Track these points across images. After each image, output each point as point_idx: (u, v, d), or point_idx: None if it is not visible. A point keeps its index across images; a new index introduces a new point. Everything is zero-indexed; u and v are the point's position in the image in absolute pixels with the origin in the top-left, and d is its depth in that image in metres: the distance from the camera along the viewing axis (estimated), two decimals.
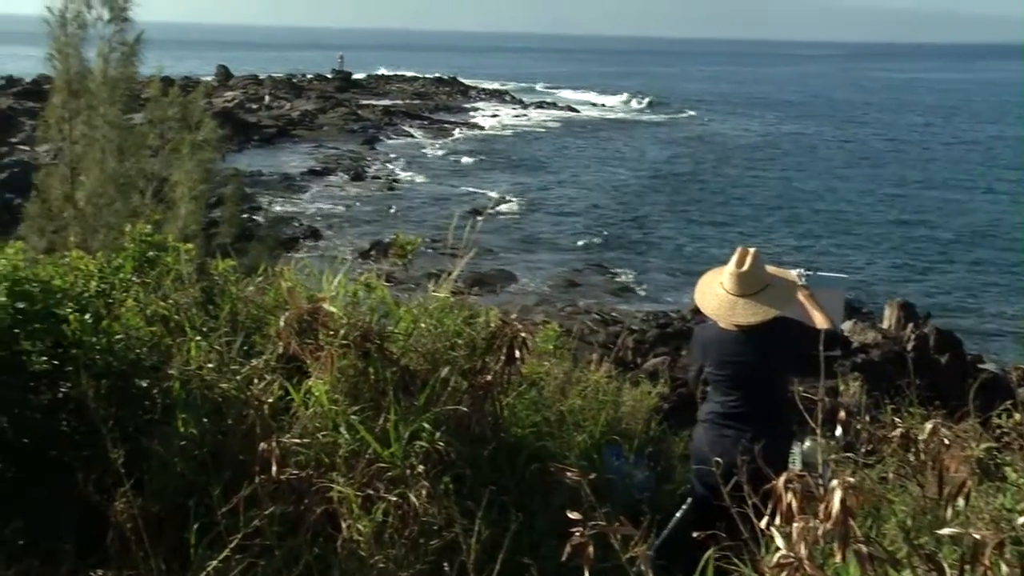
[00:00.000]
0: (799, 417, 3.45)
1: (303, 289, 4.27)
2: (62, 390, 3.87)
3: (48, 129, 7.93)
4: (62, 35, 7.50)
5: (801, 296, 4.81)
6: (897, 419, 3.19)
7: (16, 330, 3.82)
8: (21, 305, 3.83)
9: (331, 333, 3.77)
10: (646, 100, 77.49)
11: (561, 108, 69.75)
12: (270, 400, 3.79)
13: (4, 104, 45.34)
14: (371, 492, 3.41)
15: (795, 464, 4.41)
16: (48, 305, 3.92)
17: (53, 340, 3.90)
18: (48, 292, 3.96)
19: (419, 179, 37.01)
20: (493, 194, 33.88)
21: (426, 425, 3.61)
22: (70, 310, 3.94)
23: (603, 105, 75.32)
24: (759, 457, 2.87)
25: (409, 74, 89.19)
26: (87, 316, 3.91)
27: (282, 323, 3.89)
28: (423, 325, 3.95)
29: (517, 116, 63.85)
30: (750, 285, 4.50)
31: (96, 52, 7.62)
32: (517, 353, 4.06)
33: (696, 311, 5.98)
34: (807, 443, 4.43)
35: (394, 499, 3.36)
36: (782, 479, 2.27)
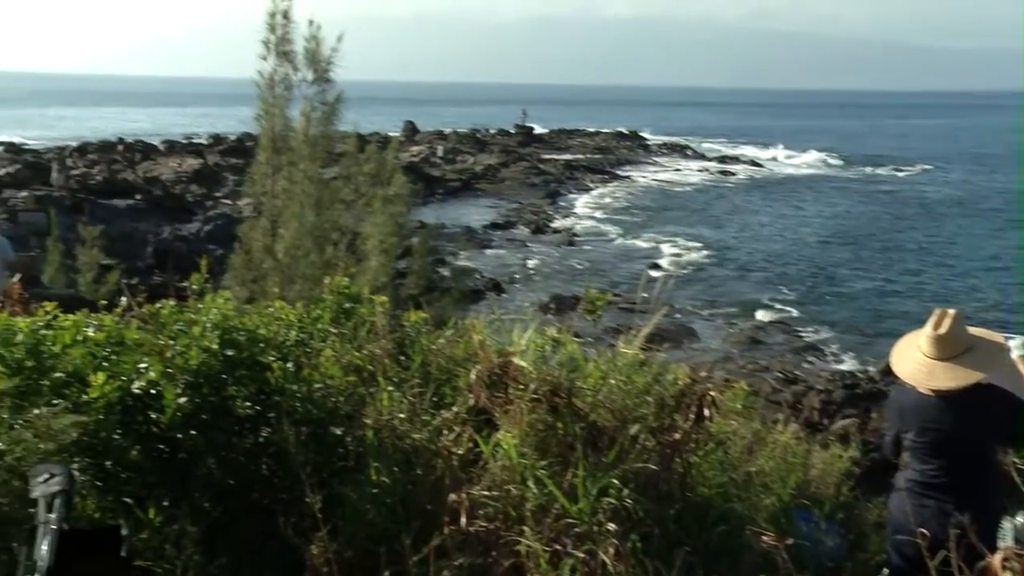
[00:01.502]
0: (1010, 489, 3.26)
1: (492, 342, 4.35)
2: (262, 435, 4.07)
3: (254, 184, 8.41)
4: (270, 96, 7.98)
5: (1021, 365, 4.55)
6: None
7: (224, 376, 4.05)
8: (230, 353, 4.05)
9: (521, 387, 3.83)
10: (833, 154, 75.56)
11: (744, 163, 68.77)
12: (460, 452, 3.87)
13: (211, 160, 48.44)
14: (559, 547, 3.42)
15: (1005, 540, 4.15)
16: (253, 353, 4.14)
17: (257, 386, 4.10)
18: (253, 340, 4.18)
19: (599, 233, 37.19)
20: (674, 249, 33.68)
21: (614, 481, 3.60)
22: (273, 358, 4.15)
23: (788, 160, 73.77)
24: (969, 531, 2.73)
25: (591, 128, 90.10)
26: (289, 364, 4.11)
27: (473, 376, 3.98)
28: (612, 381, 3.96)
29: (699, 171, 63.38)
30: (949, 348, 4.29)
31: (300, 111, 8.06)
32: (706, 412, 4.01)
33: (887, 372, 5.77)
34: (1020, 518, 4.17)
35: (582, 555, 3.36)
36: (998, 556, 2.15)
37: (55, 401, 3.88)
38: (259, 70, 7.97)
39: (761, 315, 24.52)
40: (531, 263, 30.59)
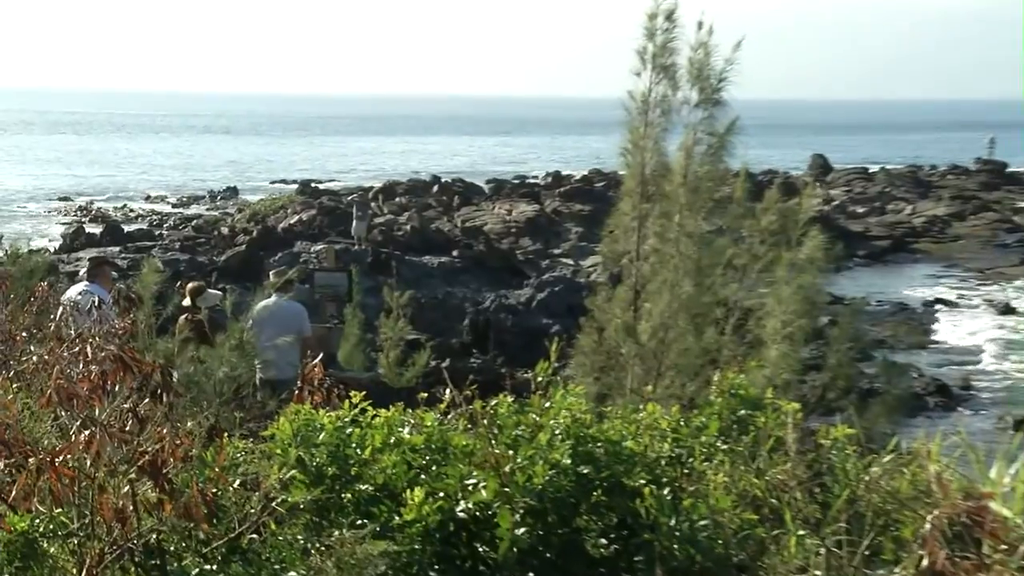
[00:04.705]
0: None
1: (955, 476, 4.17)
2: None
3: (613, 241, 8.57)
4: (641, 124, 8.06)
5: None
6: None
7: (575, 501, 4.13)
8: (585, 470, 4.13)
9: (1003, 546, 3.64)
10: None
11: None
12: None
13: (549, 206, 50.17)
14: None
15: None
16: (616, 473, 4.19)
17: (619, 518, 4.15)
18: (616, 456, 4.24)
19: None
20: None
21: None
22: (643, 481, 4.18)
23: None
24: None
25: None
26: (665, 491, 4.12)
27: (928, 524, 3.82)
28: None
29: None
30: None
31: (678, 144, 8.11)
32: None
33: None
34: None
35: None
36: None
37: (360, 521, 4.12)
38: (629, 90, 8.08)
39: None
40: (993, 359, 29.26)
